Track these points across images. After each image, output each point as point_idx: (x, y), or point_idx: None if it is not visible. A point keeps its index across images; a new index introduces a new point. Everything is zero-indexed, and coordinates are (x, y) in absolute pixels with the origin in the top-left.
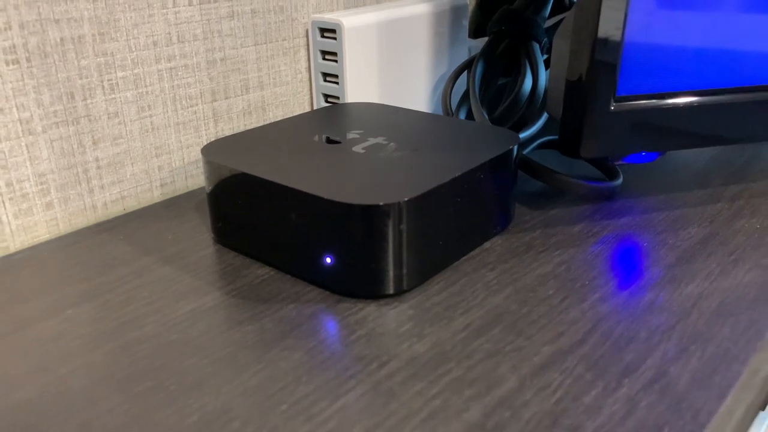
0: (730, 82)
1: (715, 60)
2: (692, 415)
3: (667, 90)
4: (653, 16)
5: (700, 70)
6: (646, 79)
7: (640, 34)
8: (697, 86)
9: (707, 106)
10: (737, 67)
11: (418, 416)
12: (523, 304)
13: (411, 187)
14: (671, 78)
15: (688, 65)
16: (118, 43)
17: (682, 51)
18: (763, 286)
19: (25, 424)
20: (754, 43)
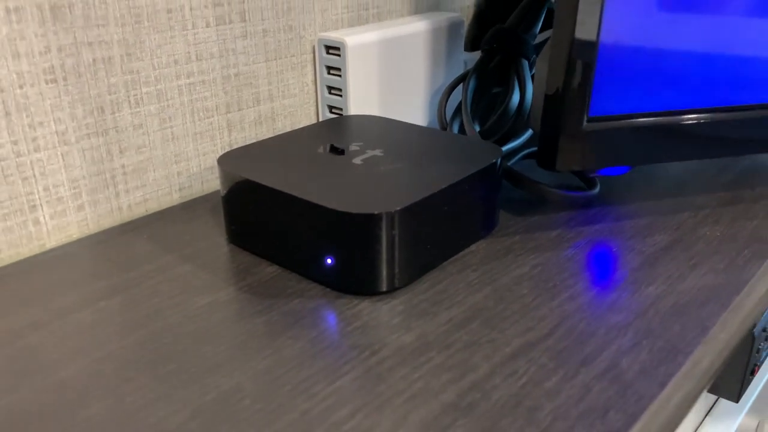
0: (696, 104)
1: (682, 84)
2: (635, 400)
3: (637, 111)
4: (625, 44)
5: (668, 92)
6: (617, 100)
7: (612, 59)
8: (665, 107)
9: (675, 126)
10: (702, 90)
11: (402, 396)
12: (499, 301)
13: (403, 197)
14: (641, 100)
15: (657, 88)
16: (143, 62)
17: (652, 75)
18: (714, 288)
19: (67, 399)
20: (718, 67)
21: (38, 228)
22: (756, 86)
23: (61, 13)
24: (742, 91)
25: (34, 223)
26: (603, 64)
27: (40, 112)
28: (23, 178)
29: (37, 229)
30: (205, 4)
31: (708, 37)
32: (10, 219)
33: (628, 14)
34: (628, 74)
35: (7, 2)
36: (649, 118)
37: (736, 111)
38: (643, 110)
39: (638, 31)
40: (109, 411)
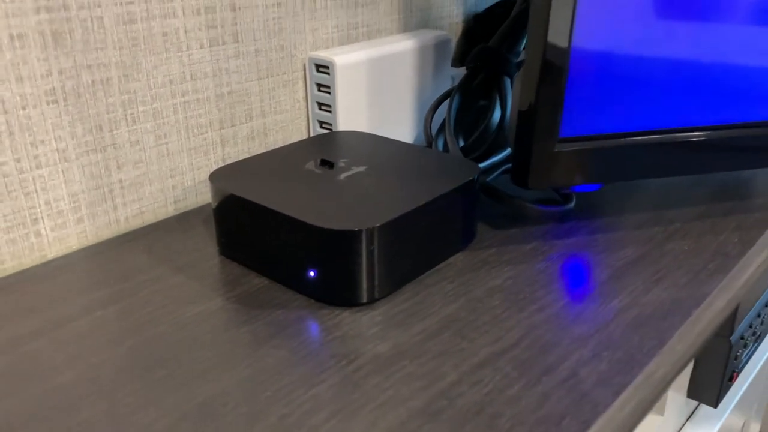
0: (666, 125)
1: (652, 106)
2: (590, 407)
3: (608, 132)
4: (595, 69)
5: (638, 114)
6: (588, 122)
7: (582, 83)
8: (635, 128)
9: (646, 146)
10: (672, 112)
11: (374, 403)
12: (471, 312)
13: (382, 213)
14: (611, 121)
15: (627, 110)
16: (140, 82)
17: (622, 98)
18: (675, 301)
19: (65, 402)
20: (686, 90)
21: (40, 240)
22: (725, 107)
23: (61, 39)
24: (710, 112)
25: (35, 235)
26: (573, 87)
27: (41, 131)
28: (26, 193)
29: (38, 241)
30: (199, 27)
31: (676, 62)
32: (13, 231)
33: (598, 40)
34: (598, 97)
35: (11, 29)
36: (619, 139)
37: (705, 131)
38: (614, 131)
39: (608, 56)
40: (104, 414)
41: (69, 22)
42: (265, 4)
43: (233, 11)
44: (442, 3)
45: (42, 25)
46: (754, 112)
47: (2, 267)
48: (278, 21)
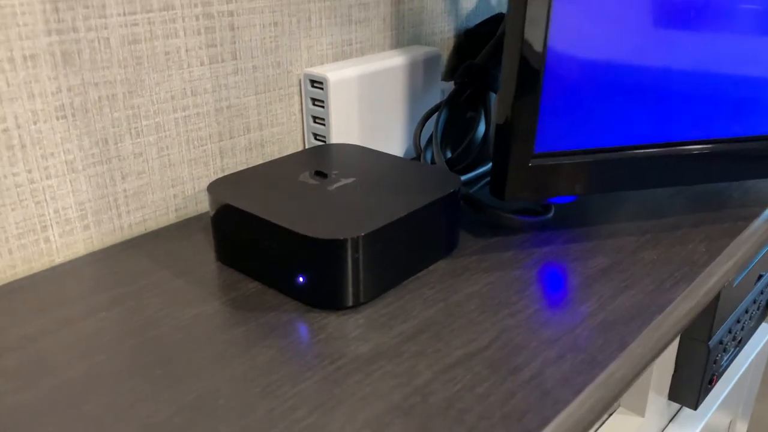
0: (640, 140)
1: (626, 122)
2: (552, 404)
3: (581, 147)
4: (568, 88)
5: (611, 130)
6: (562, 138)
7: (556, 101)
8: (608, 144)
9: (619, 161)
10: (647, 128)
11: (353, 398)
12: (449, 316)
13: (367, 223)
14: (585, 137)
15: (600, 127)
16: (143, 98)
17: (595, 115)
18: (640, 308)
19: (71, 397)
20: (660, 107)
21: (48, 245)
22: (698, 123)
23: (70, 58)
24: (684, 128)
25: (45, 241)
26: (547, 105)
27: (51, 144)
28: (36, 202)
29: (47, 247)
30: (199, 46)
31: (649, 81)
32: (24, 238)
33: (571, 61)
34: (572, 115)
35: (24, 50)
36: (593, 155)
37: (678, 146)
38: (588, 147)
39: (581, 76)
40: (107, 407)
41: (78, 43)
42: (262, 23)
43: (232, 31)
44: (434, 20)
45: (53, 46)
46: (729, 127)
47: (14, 271)
48: (275, 39)
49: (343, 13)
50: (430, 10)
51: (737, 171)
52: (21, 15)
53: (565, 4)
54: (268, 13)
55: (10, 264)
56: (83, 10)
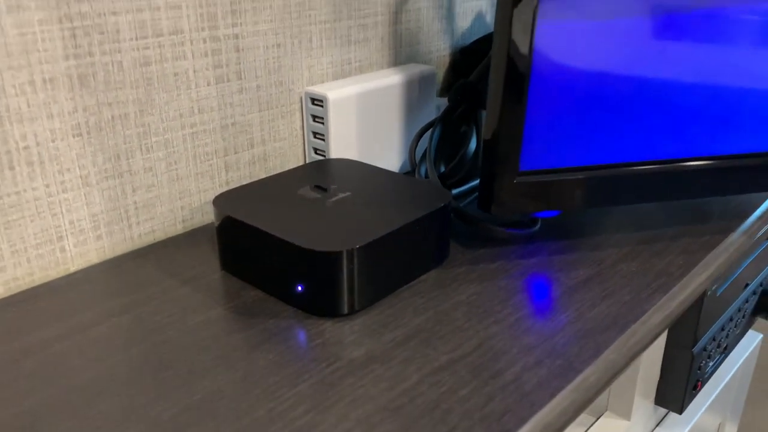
0: (622, 159)
1: (607, 143)
2: (528, 406)
3: (564, 166)
4: (551, 110)
5: (595, 150)
6: (546, 157)
7: (540, 123)
8: (590, 162)
9: (601, 179)
10: (627, 147)
11: (346, 400)
12: (437, 323)
13: (362, 236)
14: (567, 156)
15: (584, 146)
16: (153, 116)
17: (578, 136)
18: (617, 316)
19: (87, 396)
20: (642, 127)
21: (64, 255)
22: (677, 143)
23: (86, 81)
24: (665, 147)
25: (60, 251)
26: (531, 125)
27: (67, 160)
28: (53, 214)
29: (63, 256)
30: (206, 67)
31: (631, 102)
32: (41, 247)
33: (554, 84)
34: (556, 135)
35: (44, 74)
36: (577, 173)
37: (660, 164)
38: (571, 165)
39: (565, 99)
40: (120, 406)
41: (93, 66)
42: (265, 45)
43: (237, 52)
44: (431, 38)
45: (70, 70)
46: (716, 145)
47: (31, 278)
48: (278, 60)
49: (343, 34)
50: (426, 29)
51: (722, 187)
52: (42, 41)
53: (549, 27)
54: (271, 35)
55: (28, 272)
56: (98, 35)
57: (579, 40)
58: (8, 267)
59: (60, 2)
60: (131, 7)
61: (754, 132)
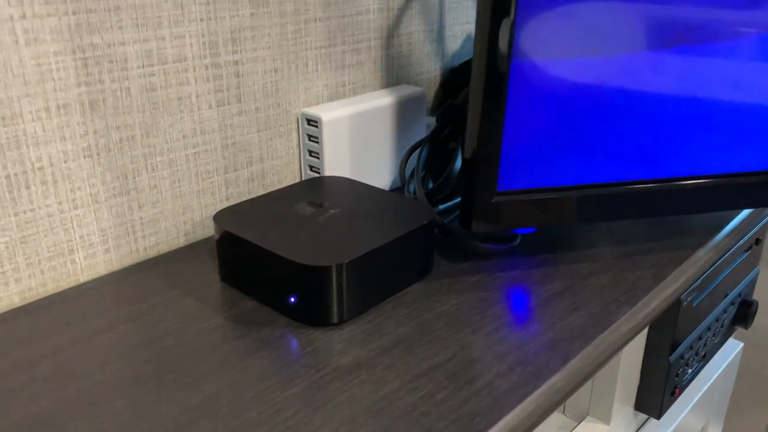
0: (596, 179)
1: (582, 164)
2: (498, 410)
3: (540, 186)
4: (527, 134)
5: (568, 172)
6: (522, 178)
7: (516, 146)
8: (566, 183)
9: (574, 198)
10: (601, 169)
11: (332, 402)
12: (419, 333)
13: (350, 251)
14: (544, 177)
15: (558, 168)
16: (158, 138)
17: (552, 159)
18: (585, 327)
19: (96, 398)
20: (614, 151)
21: (74, 267)
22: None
23: (96, 106)
24: (640, 167)
25: (71, 263)
26: (508, 149)
27: (78, 179)
28: (65, 229)
29: (73, 268)
30: (208, 92)
31: (607, 126)
32: (54, 260)
33: (530, 111)
34: (531, 157)
35: (58, 101)
36: (552, 193)
37: (631, 184)
38: (547, 185)
39: (540, 124)
40: (126, 407)
41: (103, 93)
42: (264, 70)
43: (237, 77)
44: (421, 60)
45: (82, 96)
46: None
47: (44, 289)
48: (275, 83)
49: (337, 58)
50: (417, 52)
51: (697, 206)
52: (56, 71)
53: (525, 59)
54: (269, 60)
55: (42, 283)
56: (108, 64)
57: (554, 70)
58: (24, 278)
59: (73, 35)
60: (138, 37)
61: (730, 153)
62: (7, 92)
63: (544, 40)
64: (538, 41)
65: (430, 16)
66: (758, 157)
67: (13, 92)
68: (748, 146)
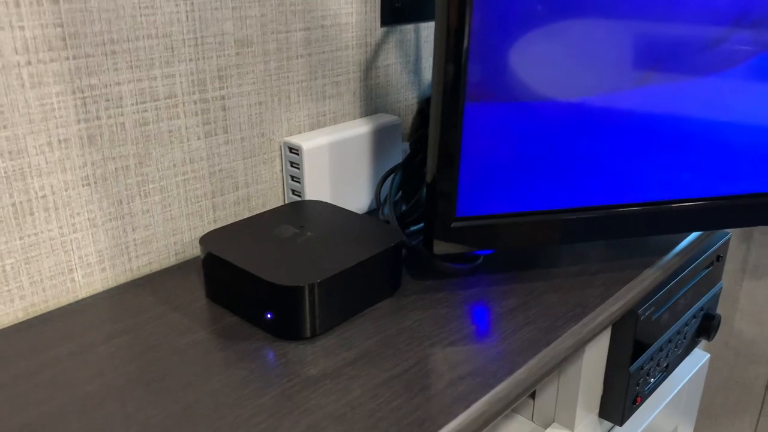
0: (551, 206)
1: (537, 192)
2: (446, 415)
3: (497, 212)
4: (483, 165)
5: (522, 199)
6: (479, 205)
7: (472, 175)
8: (521, 209)
9: (531, 223)
10: (549, 196)
11: (300, 409)
12: (383, 346)
13: (322, 272)
14: (500, 203)
15: (511, 197)
16: (151, 167)
17: (507, 187)
18: (532, 341)
19: (91, 404)
20: (568, 178)
21: (74, 285)
22: (596, 189)
23: (94, 140)
24: (588, 193)
25: (71, 281)
26: (465, 180)
27: (77, 206)
28: (65, 251)
29: (72, 286)
30: (197, 124)
31: (561, 155)
32: (55, 279)
33: (483, 145)
34: (486, 188)
35: (60, 136)
36: (509, 218)
37: (582, 212)
38: (504, 212)
39: (494, 156)
40: (118, 412)
41: (100, 128)
42: (249, 103)
43: (224, 111)
44: (399, 90)
45: (81, 131)
46: (628, 194)
47: (46, 305)
48: (260, 115)
49: (318, 90)
50: (395, 82)
51: (641, 230)
52: (58, 109)
53: (476, 104)
54: (254, 95)
55: (44, 299)
56: (105, 102)
57: (506, 110)
58: (27, 295)
59: (74, 77)
60: (132, 77)
61: (677, 180)
62: (14, 130)
63: (497, 83)
64: (490, 84)
65: (406, 49)
66: (706, 183)
67: (20, 130)
68: (697, 173)
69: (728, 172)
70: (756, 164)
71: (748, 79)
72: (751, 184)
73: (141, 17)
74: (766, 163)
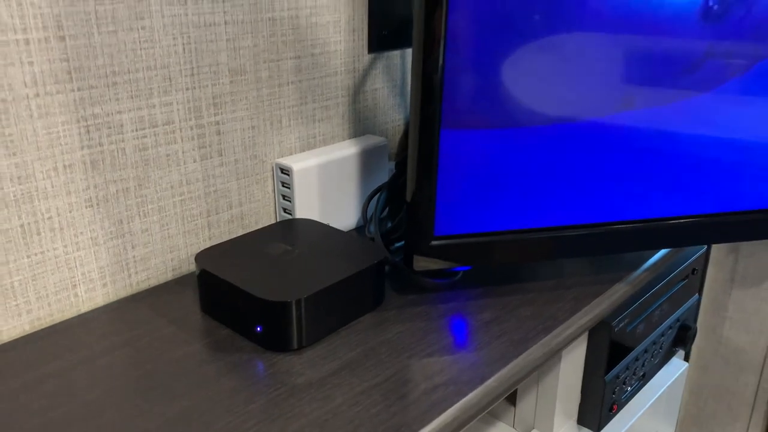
0: (522, 225)
1: (514, 212)
2: (420, 421)
3: (472, 231)
4: (459, 189)
5: (495, 220)
6: (456, 224)
7: (448, 199)
8: (497, 228)
9: (507, 242)
10: (523, 217)
11: (286, 416)
12: (365, 357)
13: (308, 288)
14: (474, 224)
15: (486, 217)
16: (149, 189)
17: (482, 208)
18: (505, 352)
19: (93, 412)
20: (543, 197)
21: (77, 299)
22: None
23: (96, 164)
24: (560, 214)
25: (74, 296)
26: (442, 201)
27: (81, 226)
28: (69, 268)
29: (76, 300)
30: (192, 148)
31: (527, 184)
32: (59, 294)
33: (462, 160)
34: (463, 208)
35: (65, 162)
36: (485, 237)
37: (554, 231)
38: (481, 231)
39: (470, 180)
40: (117, 419)
41: (102, 153)
42: (242, 127)
43: (218, 135)
44: (386, 112)
45: (84, 157)
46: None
47: (51, 318)
48: (252, 138)
49: (308, 114)
50: (382, 105)
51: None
52: (63, 137)
53: (451, 131)
54: (247, 119)
55: (49, 313)
56: (107, 129)
57: (482, 137)
58: (34, 309)
59: (78, 107)
60: (133, 106)
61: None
62: (23, 157)
63: (472, 111)
64: (466, 111)
65: (392, 74)
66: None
67: (28, 157)
68: (676, 191)
69: (708, 189)
70: (735, 182)
71: (727, 98)
72: (732, 202)
73: (141, 50)
74: (744, 182)
